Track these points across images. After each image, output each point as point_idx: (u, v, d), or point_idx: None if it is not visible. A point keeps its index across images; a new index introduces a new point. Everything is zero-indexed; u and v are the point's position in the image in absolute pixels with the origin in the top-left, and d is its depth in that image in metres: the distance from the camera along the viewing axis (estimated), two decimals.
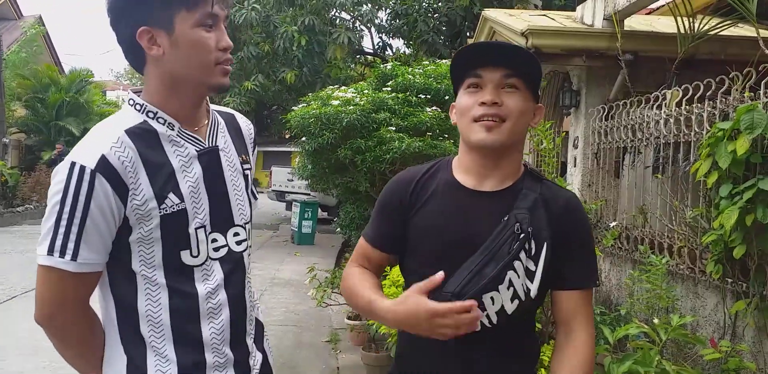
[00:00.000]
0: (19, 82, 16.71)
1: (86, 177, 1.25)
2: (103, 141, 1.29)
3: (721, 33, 4.66)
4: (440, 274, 1.35)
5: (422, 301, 1.32)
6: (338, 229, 8.63)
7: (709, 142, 3.19)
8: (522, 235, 1.38)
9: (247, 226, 1.53)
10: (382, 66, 8.16)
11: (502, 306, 1.37)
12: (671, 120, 4.08)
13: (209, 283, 1.41)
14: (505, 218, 1.42)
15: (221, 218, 1.44)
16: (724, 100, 3.55)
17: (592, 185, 5.38)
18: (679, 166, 4.07)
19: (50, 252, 1.26)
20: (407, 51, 15.47)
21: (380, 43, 16.30)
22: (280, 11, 13.26)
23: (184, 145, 1.39)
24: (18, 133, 17.33)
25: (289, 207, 14.22)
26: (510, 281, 1.36)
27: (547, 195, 1.48)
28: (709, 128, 3.50)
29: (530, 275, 1.39)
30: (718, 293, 3.54)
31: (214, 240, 1.42)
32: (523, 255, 1.38)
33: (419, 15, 13.81)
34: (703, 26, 4.60)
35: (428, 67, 7.79)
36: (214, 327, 1.41)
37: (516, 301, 1.38)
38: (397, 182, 1.58)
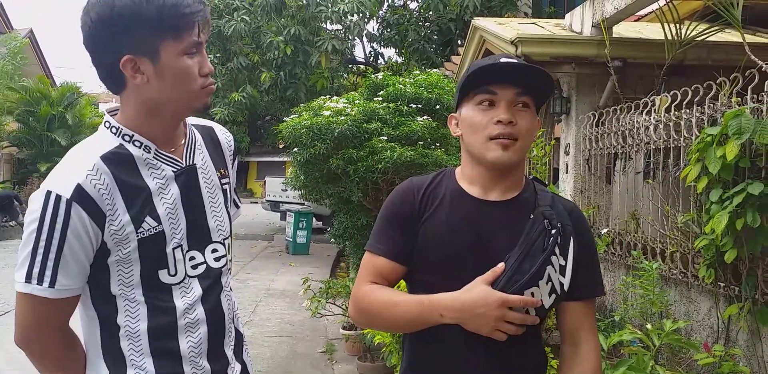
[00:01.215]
0: (8, 96, 16.67)
1: (62, 206, 1.25)
2: (79, 168, 1.29)
3: (707, 39, 4.71)
4: (501, 265, 1.37)
5: (490, 290, 1.34)
6: (332, 239, 8.62)
7: (698, 148, 3.22)
8: (554, 231, 1.41)
9: (227, 242, 1.53)
10: (373, 76, 8.19)
11: (541, 302, 1.39)
12: (661, 126, 4.11)
13: (187, 299, 1.42)
14: (531, 216, 1.44)
15: (199, 236, 1.45)
16: (712, 105, 3.58)
17: (585, 191, 5.40)
18: (670, 172, 4.09)
19: (28, 279, 1.26)
20: (399, 60, 15.55)
21: (372, 53, 16.38)
22: (268, 21, 13.31)
23: (161, 167, 1.39)
24: (10, 147, 17.28)
25: (283, 217, 14.20)
26: (549, 276, 1.38)
27: (557, 198, 1.54)
28: (698, 133, 3.53)
29: (562, 270, 1.41)
30: (711, 297, 3.55)
31: (192, 258, 1.43)
32: (557, 249, 1.41)
33: (410, 24, 13.90)
34: (690, 32, 4.64)
35: (419, 77, 7.82)
36: (191, 341, 1.42)
37: (553, 296, 1.40)
38: (405, 191, 1.56)
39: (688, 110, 3.80)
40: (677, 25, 4.71)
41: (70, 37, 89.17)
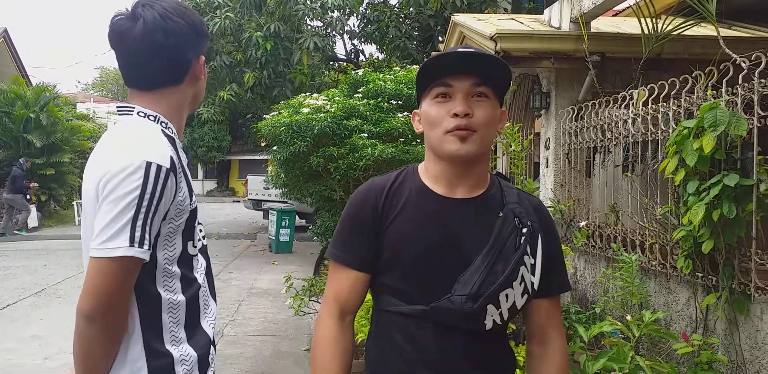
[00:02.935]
0: None
1: (162, 175, 1.38)
2: (163, 143, 1.44)
3: (684, 33, 4.75)
4: None
5: None
6: (315, 238, 8.60)
7: (675, 140, 3.25)
8: (525, 229, 1.39)
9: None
10: (353, 72, 8.17)
11: (514, 303, 1.37)
12: (639, 119, 4.15)
13: (200, 271, 1.55)
14: (501, 213, 1.42)
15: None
16: (688, 98, 3.61)
17: (565, 185, 5.43)
18: (648, 164, 4.13)
19: (132, 243, 1.35)
20: (380, 56, 15.53)
21: (353, 49, 16.35)
22: (250, 18, 13.23)
23: (183, 154, 1.55)
24: None
25: (266, 215, 14.13)
26: (522, 276, 1.37)
27: (521, 193, 1.51)
28: (675, 126, 3.56)
29: (532, 269, 1.40)
30: (689, 288, 3.60)
31: (201, 231, 1.59)
32: (528, 249, 1.39)
33: (390, 20, 13.89)
34: (667, 27, 4.68)
35: (399, 73, 7.82)
36: (207, 313, 1.57)
37: (525, 296, 1.39)
38: (366, 193, 1.50)
39: (665, 103, 3.84)
40: (654, 20, 4.75)
41: (47, 36, 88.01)
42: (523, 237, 1.39)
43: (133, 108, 1.49)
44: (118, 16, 1.49)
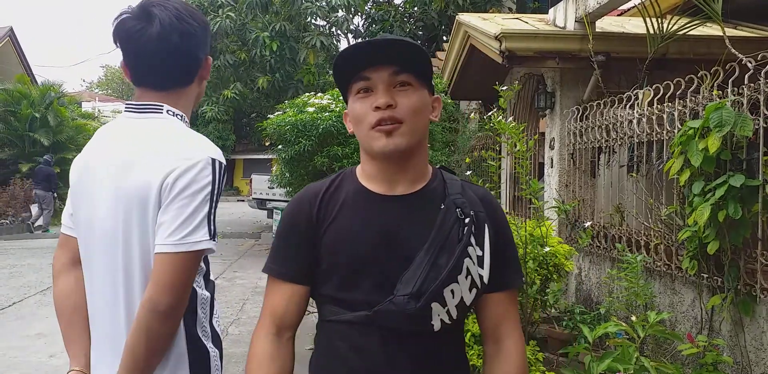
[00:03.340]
0: None
1: (224, 171, 1.46)
2: (210, 142, 1.50)
3: (689, 33, 4.74)
4: None
5: None
6: None
7: (680, 141, 3.24)
8: (467, 219, 1.31)
9: None
10: None
11: (462, 299, 1.28)
12: (644, 119, 4.14)
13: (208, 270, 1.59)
14: (442, 206, 1.33)
15: None
16: (693, 98, 3.60)
17: (570, 185, 5.43)
18: (653, 165, 4.12)
19: (213, 238, 1.41)
20: None
21: None
22: (254, 18, 13.24)
23: None
24: None
25: (270, 214, 14.12)
26: (468, 269, 1.28)
27: (467, 185, 1.42)
28: (680, 127, 3.55)
29: (480, 261, 1.31)
30: (695, 289, 3.59)
31: None
32: (473, 240, 1.30)
33: (395, 20, 13.87)
34: (672, 26, 4.67)
35: None
36: (216, 321, 1.58)
37: (474, 290, 1.30)
38: (299, 202, 1.41)
39: (670, 104, 3.83)
40: (659, 20, 4.74)
41: (51, 35, 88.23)
42: (465, 228, 1.30)
43: (162, 106, 1.50)
44: (125, 15, 1.47)
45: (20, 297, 7.27)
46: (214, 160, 1.43)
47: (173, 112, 1.51)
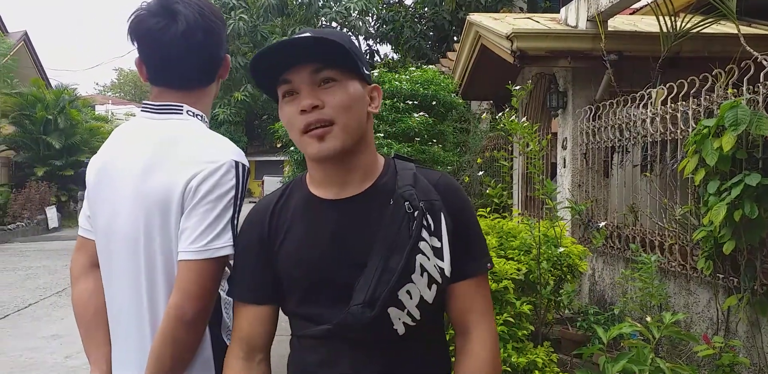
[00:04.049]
0: (6, 100, 16.62)
1: (247, 174, 1.44)
2: (233, 144, 1.48)
3: (703, 31, 4.70)
4: None
5: None
6: None
7: (695, 140, 3.21)
8: (416, 212, 1.22)
9: None
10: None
11: (422, 298, 1.21)
12: (657, 118, 4.11)
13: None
14: (391, 202, 1.24)
15: None
16: (708, 97, 3.57)
17: (582, 185, 5.39)
18: (667, 164, 4.09)
19: (234, 242, 1.36)
20: (395, 57, 15.53)
21: (368, 50, 16.35)
22: (267, 21, 13.29)
23: None
24: (6, 151, 17.24)
25: None
26: (422, 266, 1.20)
27: (422, 172, 1.33)
28: (694, 125, 3.52)
29: (438, 253, 1.22)
30: (710, 289, 3.55)
31: None
32: (425, 233, 1.21)
33: (405, 21, 13.88)
34: (686, 24, 4.63)
35: (414, 73, 7.81)
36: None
37: (434, 286, 1.22)
38: (251, 216, 1.35)
39: (684, 102, 3.79)
40: (672, 18, 4.70)
41: (64, 40, 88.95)
42: (414, 222, 1.21)
43: (182, 106, 1.46)
44: (143, 13, 1.43)
45: (36, 299, 7.33)
46: (237, 163, 1.39)
47: (193, 113, 1.47)
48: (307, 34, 1.22)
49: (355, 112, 1.23)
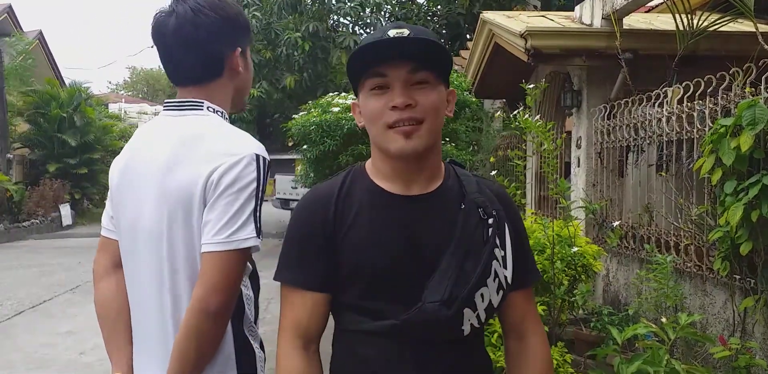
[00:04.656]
0: (21, 98, 16.77)
1: (267, 167, 1.43)
2: (254, 138, 1.48)
3: (720, 29, 4.65)
4: None
5: None
6: None
7: (711, 139, 3.18)
8: (491, 220, 1.27)
9: None
10: None
11: (490, 301, 1.25)
12: (673, 117, 4.07)
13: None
14: (462, 206, 1.28)
15: None
16: (725, 96, 3.53)
17: (597, 185, 5.36)
18: (683, 164, 4.05)
19: (258, 235, 1.37)
20: None
21: None
22: (280, 18, 13.30)
23: None
24: (21, 148, 17.38)
25: None
26: (495, 272, 1.24)
27: (479, 180, 1.38)
28: (711, 125, 3.48)
29: (504, 261, 1.28)
30: (727, 290, 3.52)
31: None
32: (497, 241, 1.26)
33: (418, 18, 13.84)
34: (702, 23, 4.59)
35: None
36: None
37: (501, 292, 1.27)
38: (312, 203, 1.34)
39: (700, 101, 3.76)
40: (689, 16, 4.65)
41: (77, 38, 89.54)
42: (490, 229, 1.26)
43: (202, 103, 1.48)
44: (159, 12, 1.49)
45: (50, 296, 7.39)
46: (258, 156, 1.39)
47: (213, 109, 1.49)
48: (406, 31, 1.23)
49: (440, 114, 1.28)
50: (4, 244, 12.71)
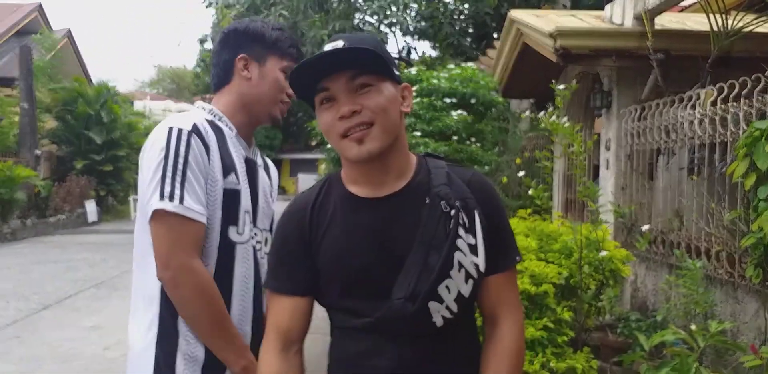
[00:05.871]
0: (48, 94, 17.00)
1: (183, 137, 1.50)
2: (192, 117, 1.58)
3: (756, 29, 4.54)
4: None
5: None
6: None
7: (746, 142, 3.10)
8: (453, 211, 1.29)
9: (264, 233, 1.74)
10: (406, 71, 8.13)
11: (459, 292, 1.28)
12: (706, 120, 3.98)
13: (246, 265, 1.61)
14: (427, 201, 1.31)
15: (254, 213, 1.68)
16: (760, 98, 3.45)
17: (626, 188, 5.27)
18: (716, 168, 3.97)
19: (161, 198, 1.45)
20: (433, 53, 15.44)
21: (405, 47, 16.31)
22: (306, 17, 13.33)
23: (238, 147, 1.67)
24: (49, 145, 17.64)
25: None
26: (459, 263, 1.27)
27: (454, 170, 1.40)
28: (745, 128, 3.40)
29: (473, 249, 1.30)
30: (759, 298, 3.43)
31: (254, 226, 1.67)
32: (461, 231, 1.29)
33: (444, 17, 13.78)
34: (737, 23, 4.49)
35: (454, 71, 7.74)
36: (242, 306, 1.61)
37: (470, 281, 1.30)
38: (290, 214, 1.41)
39: (735, 104, 3.67)
40: (723, 16, 4.55)
41: (105, 37, 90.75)
42: (452, 221, 1.28)
43: (200, 103, 1.71)
44: None
45: (76, 290, 7.49)
46: (171, 128, 1.51)
47: (199, 106, 1.69)
48: (341, 43, 1.29)
49: (391, 112, 1.31)
50: (31, 239, 12.93)
